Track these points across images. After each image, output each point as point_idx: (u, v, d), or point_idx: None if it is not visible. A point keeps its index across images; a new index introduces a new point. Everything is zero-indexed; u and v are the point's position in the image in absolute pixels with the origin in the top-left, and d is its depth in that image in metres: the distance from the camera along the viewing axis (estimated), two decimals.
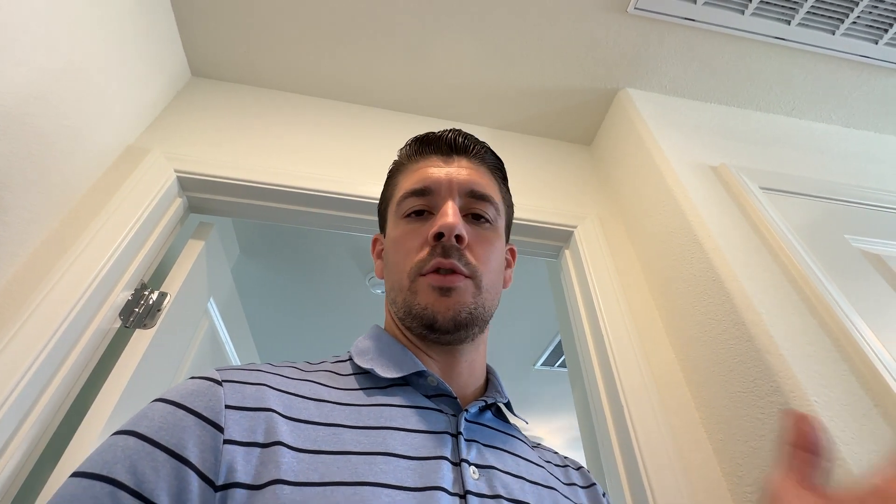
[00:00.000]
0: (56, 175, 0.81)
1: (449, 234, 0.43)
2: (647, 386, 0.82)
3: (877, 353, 0.67)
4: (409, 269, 0.44)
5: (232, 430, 0.31)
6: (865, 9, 1.06)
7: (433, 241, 0.43)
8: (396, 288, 0.45)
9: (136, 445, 0.29)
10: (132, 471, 0.28)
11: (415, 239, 0.45)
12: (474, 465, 0.37)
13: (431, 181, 0.47)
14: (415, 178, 0.48)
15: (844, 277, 0.81)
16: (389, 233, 0.50)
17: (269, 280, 2.04)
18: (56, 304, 0.73)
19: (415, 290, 0.43)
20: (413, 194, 0.47)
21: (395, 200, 0.50)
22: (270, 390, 0.36)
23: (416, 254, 0.44)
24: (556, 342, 2.40)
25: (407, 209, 0.47)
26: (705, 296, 0.81)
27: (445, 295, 0.42)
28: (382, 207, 0.55)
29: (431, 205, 0.47)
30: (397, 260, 0.46)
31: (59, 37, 0.77)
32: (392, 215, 0.50)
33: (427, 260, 0.43)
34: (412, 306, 0.43)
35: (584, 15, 1.09)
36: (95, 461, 0.29)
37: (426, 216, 0.47)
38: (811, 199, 0.99)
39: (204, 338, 1.07)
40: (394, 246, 0.47)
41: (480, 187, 0.48)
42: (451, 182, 0.47)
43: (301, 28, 1.12)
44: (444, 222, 0.43)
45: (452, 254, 0.43)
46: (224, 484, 0.29)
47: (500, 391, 0.47)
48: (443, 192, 0.47)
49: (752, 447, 0.66)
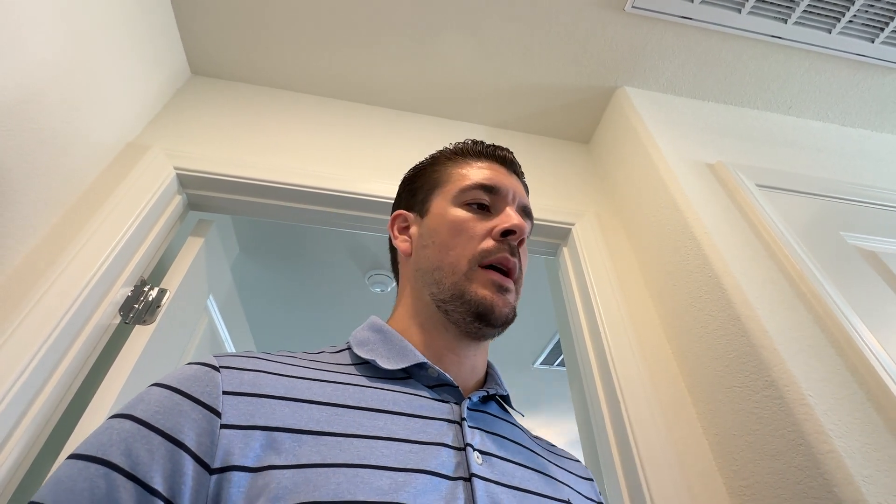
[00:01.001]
0: (56, 172, 0.81)
1: (520, 233, 0.46)
2: (643, 382, 0.82)
3: (871, 349, 0.67)
4: (473, 254, 0.45)
5: (229, 414, 0.31)
6: (861, 7, 1.07)
7: (499, 236, 0.46)
8: (447, 269, 0.46)
9: (131, 428, 0.29)
10: (127, 453, 0.28)
11: (478, 228, 0.47)
12: (478, 450, 0.37)
13: (501, 183, 0.50)
14: (484, 175, 0.51)
15: (840, 274, 0.82)
16: (442, 214, 0.49)
17: (269, 277, 2.04)
18: (56, 300, 0.73)
19: (472, 277, 0.45)
20: (483, 188, 0.49)
21: (457, 187, 0.50)
22: (268, 375, 0.36)
23: (479, 242, 0.46)
24: (555, 340, 2.40)
25: (472, 198, 0.49)
26: (701, 292, 0.82)
27: (501, 293, 0.44)
28: (424, 186, 0.54)
29: (493, 204, 0.50)
30: (458, 242, 0.46)
31: (59, 34, 0.78)
32: (445, 198, 0.50)
33: (494, 251, 0.45)
34: (466, 292, 0.44)
35: (582, 13, 1.09)
36: (92, 443, 0.29)
37: (487, 212, 0.49)
38: (807, 197, 0.99)
39: (203, 334, 1.08)
40: (452, 228, 0.47)
41: (530, 206, 0.54)
42: (515, 193, 0.51)
43: (301, 26, 1.13)
44: (517, 223, 0.46)
45: (517, 254, 0.46)
46: (220, 467, 0.29)
47: (500, 384, 0.48)
48: (508, 198, 0.50)
49: (748, 441, 0.67)
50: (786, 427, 0.61)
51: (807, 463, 0.57)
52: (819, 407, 0.60)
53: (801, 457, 0.58)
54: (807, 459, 0.58)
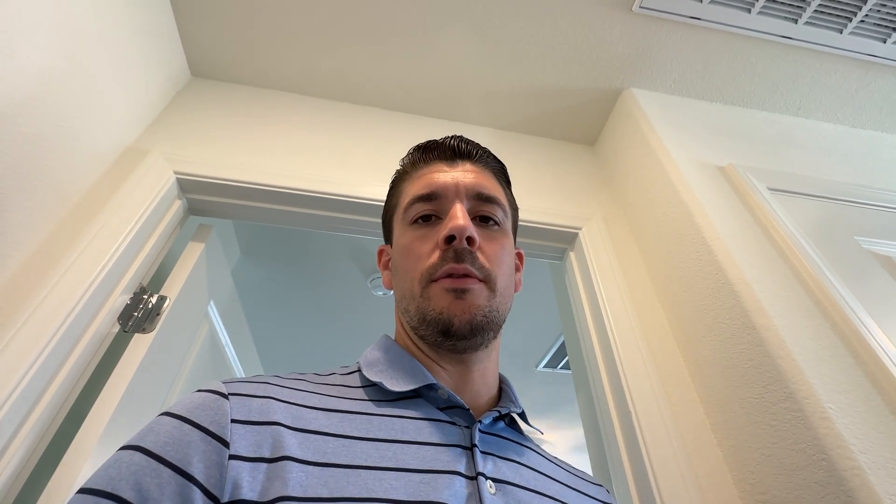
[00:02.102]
0: (53, 177, 0.79)
1: (460, 236, 0.42)
2: (655, 391, 0.80)
3: (891, 358, 0.65)
4: (421, 274, 0.43)
5: (238, 444, 0.31)
6: (874, 7, 1.05)
7: (444, 245, 0.42)
8: (408, 296, 0.44)
9: (141, 461, 0.29)
10: (136, 488, 0.28)
11: (424, 244, 0.44)
12: (491, 478, 0.36)
13: (438, 185, 0.47)
14: (421, 184, 0.48)
15: (855, 280, 0.80)
16: (397, 241, 0.49)
17: (271, 280, 2.03)
18: (53, 308, 0.72)
19: (427, 295, 0.42)
20: (420, 200, 0.46)
21: (402, 208, 0.49)
22: (278, 403, 0.35)
23: (426, 259, 0.43)
24: (558, 344, 2.38)
25: (414, 215, 0.47)
26: (714, 299, 0.80)
27: (460, 297, 0.41)
28: (387, 217, 0.54)
29: (439, 209, 0.46)
30: (407, 267, 0.44)
31: (56, 37, 0.76)
32: (399, 223, 0.49)
33: (439, 265, 0.42)
34: (426, 313, 0.41)
35: (588, 14, 1.07)
36: (101, 477, 0.29)
37: (434, 221, 0.46)
38: (820, 200, 0.97)
39: (204, 341, 1.06)
40: (402, 253, 0.46)
41: (487, 189, 0.48)
42: (457, 185, 0.47)
43: (302, 28, 1.11)
44: (454, 225, 0.42)
45: (465, 257, 0.42)
46: (229, 501, 0.28)
47: (515, 401, 0.46)
48: (450, 196, 0.46)
49: (765, 454, 0.65)
50: (805, 441, 0.59)
51: (829, 479, 0.55)
52: (840, 420, 0.58)
53: (823, 472, 0.56)
54: (829, 475, 0.55)
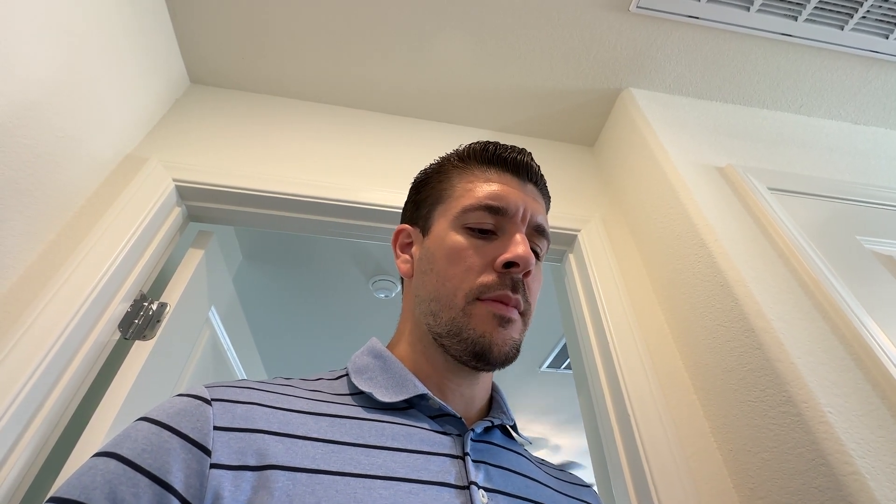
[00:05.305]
0: (52, 186, 0.80)
1: (524, 266, 0.41)
2: (653, 394, 0.80)
3: (893, 361, 0.65)
4: (470, 289, 0.41)
5: (220, 453, 0.30)
6: (875, 3, 1.04)
7: (501, 268, 0.41)
8: (444, 302, 0.42)
9: (116, 469, 0.28)
10: (111, 497, 0.27)
11: (478, 258, 0.42)
12: (483, 488, 0.35)
13: (510, 204, 0.44)
14: (491, 193, 0.45)
15: (857, 280, 0.79)
16: (442, 238, 0.45)
17: (272, 284, 2.03)
18: (54, 317, 0.72)
19: (470, 312, 0.40)
20: (487, 209, 0.44)
21: (459, 205, 0.45)
22: (262, 408, 0.34)
23: (478, 275, 0.41)
24: (562, 343, 2.38)
25: (475, 222, 0.44)
26: (713, 301, 0.79)
27: (504, 326, 0.40)
28: (425, 199, 0.49)
29: (499, 226, 0.44)
30: (452, 273, 0.42)
31: (54, 45, 0.76)
32: (446, 218, 0.46)
33: (494, 287, 0.41)
34: (463, 329, 0.40)
35: (585, 14, 1.07)
36: (73, 485, 0.27)
37: (490, 236, 0.44)
38: (821, 200, 0.96)
39: (206, 347, 1.07)
40: (449, 256, 0.43)
41: (544, 223, 0.47)
42: (525, 212, 0.45)
43: (301, 33, 1.11)
44: (521, 254, 0.41)
45: (520, 289, 0.41)
46: None
47: (506, 412, 0.46)
48: (517, 220, 0.44)
49: (764, 458, 0.64)
50: (804, 446, 0.59)
51: (828, 484, 0.55)
52: (840, 425, 0.57)
53: (822, 477, 0.56)
54: (828, 480, 0.55)
